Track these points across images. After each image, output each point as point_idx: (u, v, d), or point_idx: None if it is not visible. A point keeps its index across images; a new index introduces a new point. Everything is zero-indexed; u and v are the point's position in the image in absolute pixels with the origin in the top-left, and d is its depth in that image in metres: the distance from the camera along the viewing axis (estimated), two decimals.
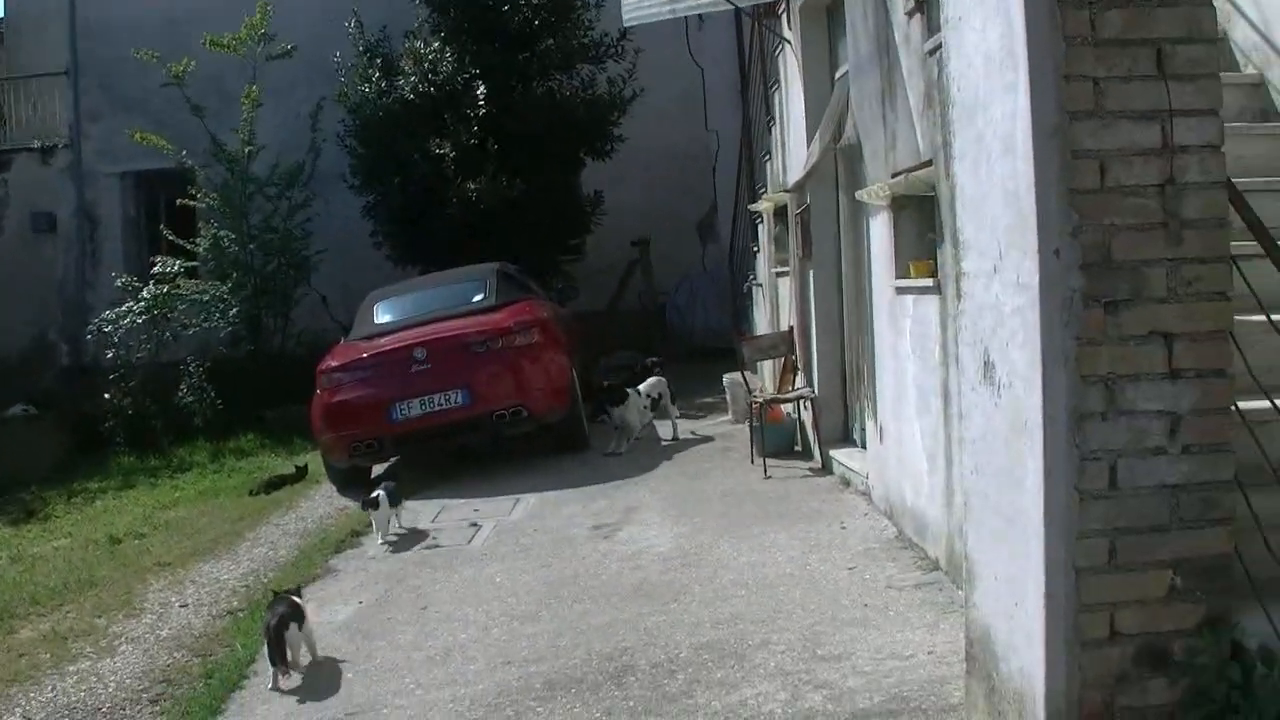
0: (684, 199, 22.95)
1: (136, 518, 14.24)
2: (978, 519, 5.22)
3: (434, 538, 11.01)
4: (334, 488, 13.85)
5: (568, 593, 8.80)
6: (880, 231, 9.37)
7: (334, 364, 13.90)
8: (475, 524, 11.34)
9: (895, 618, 7.38)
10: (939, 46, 7.48)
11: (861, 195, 9.27)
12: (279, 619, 7.66)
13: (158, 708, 7.70)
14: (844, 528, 9.66)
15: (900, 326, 8.96)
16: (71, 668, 8.66)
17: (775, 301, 14.37)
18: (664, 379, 14.39)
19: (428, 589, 9.40)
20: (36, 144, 24.04)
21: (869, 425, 10.27)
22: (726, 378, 15.31)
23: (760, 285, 15.58)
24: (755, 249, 15.87)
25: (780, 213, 13.85)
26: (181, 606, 9.91)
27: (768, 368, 14.78)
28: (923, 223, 8.81)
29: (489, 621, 8.36)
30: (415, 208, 19.15)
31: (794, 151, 12.57)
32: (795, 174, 12.28)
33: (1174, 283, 4.38)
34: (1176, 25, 4.39)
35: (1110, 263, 4.35)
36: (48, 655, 9.01)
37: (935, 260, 8.08)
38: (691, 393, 16.89)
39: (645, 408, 13.96)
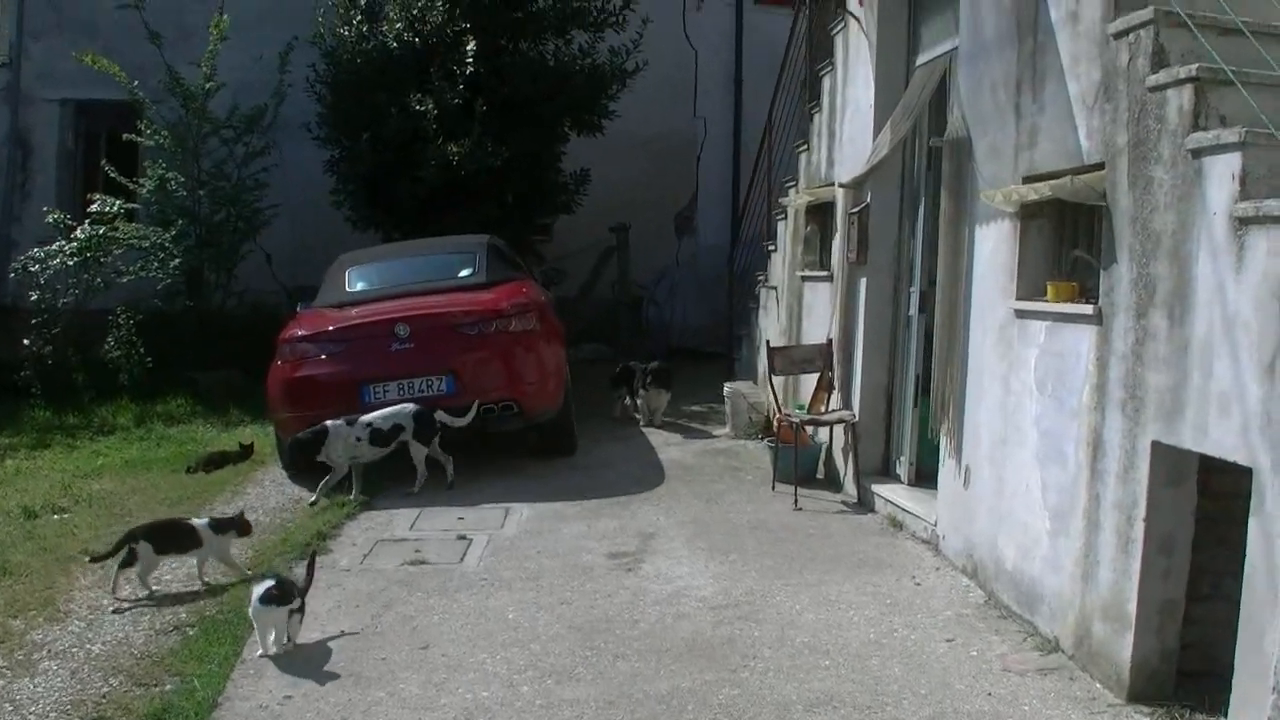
0: (663, 188, 21.46)
1: (55, 486, 12.36)
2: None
3: (417, 551, 9.38)
4: (285, 473, 12.16)
5: (604, 643, 7.27)
6: (995, 242, 7.96)
7: (300, 333, 12.21)
8: (463, 536, 9.76)
9: (1033, 716, 6.07)
10: (1129, 29, 6.10)
11: (990, 198, 7.75)
12: None
13: None
14: (918, 584, 8.34)
15: (1018, 356, 7.56)
16: None
17: (796, 309, 12.87)
18: (411, 408, 11.28)
19: (424, 620, 7.80)
20: None
21: (946, 464, 8.81)
22: (728, 387, 13.89)
23: (774, 288, 14.07)
24: (771, 248, 14.34)
25: (815, 210, 12.37)
26: (115, 613, 8.21)
27: (777, 381, 13.32)
28: (1060, 236, 7.42)
29: (514, 675, 6.80)
30: (386, 167, 17.37)
31: (850, 143, 11.20)
32: (850, 167, 10.89)
33: None
34: None
35: None
36: None
37: (1098, 282, 6.63)
38: (676, 398, 15.24)
39: (359, 440, 11.06)
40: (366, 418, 11.12)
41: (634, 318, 20.15)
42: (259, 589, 7.28)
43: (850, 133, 11.18)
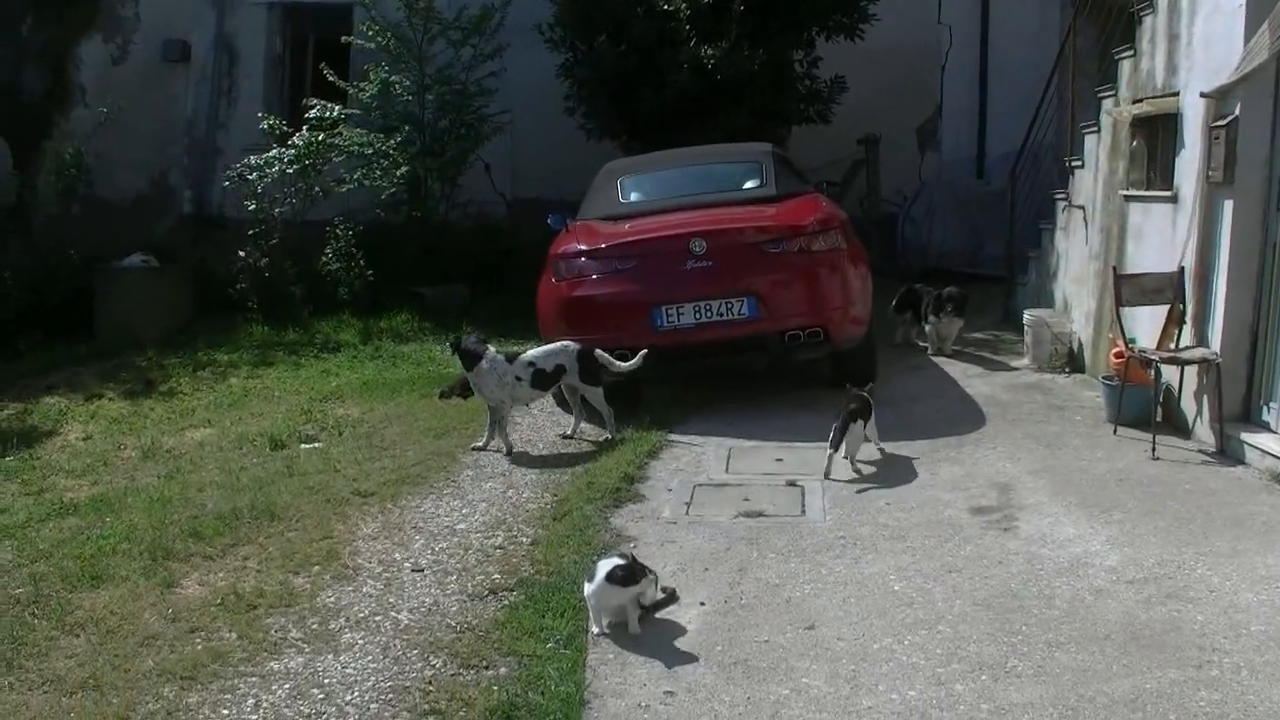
0: (904, 99, 19.80)
1: (294, 410, 11.36)
2: None
3: (746, 500, 8.15)
4: (551, 399, 10.94)
5: (1024, 627, 6.03)
6: None
7: (580, 248, 10.89)
8: (793, 482, 8.49)
9: None
10: None
11: None
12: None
13: None
14: None
15: None
16: (275, 664, 5.89)
17: (1116, 232, 11.36)
18: (575, 347, 9.86)
19: (794, 591, 6.59)
20: None
21: None
22: (1028, 315, 12.46)
23: (1080, 208, 12.58)
24: (1076, 164, 12.82)
25: (1144, 123, 10.91)
26: (415, 571, 7.11)
27: (1081, 307, 11.99)
28: None
29: (937, 669, 5.57)
30: (629, 72, 16.06)
31: (1204, 46, 9.71)
32: (1207, 75, 9.46)
33: None
34: None
35: None
36: (233, 634, 6.23)
37: None
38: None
39: (519, 380, 9.72)
40: (528, 355, 9.85)
41: (886, 236, 18.67)
42: (604, 566, 6.12)
43: (1205, 34, 9.70)
